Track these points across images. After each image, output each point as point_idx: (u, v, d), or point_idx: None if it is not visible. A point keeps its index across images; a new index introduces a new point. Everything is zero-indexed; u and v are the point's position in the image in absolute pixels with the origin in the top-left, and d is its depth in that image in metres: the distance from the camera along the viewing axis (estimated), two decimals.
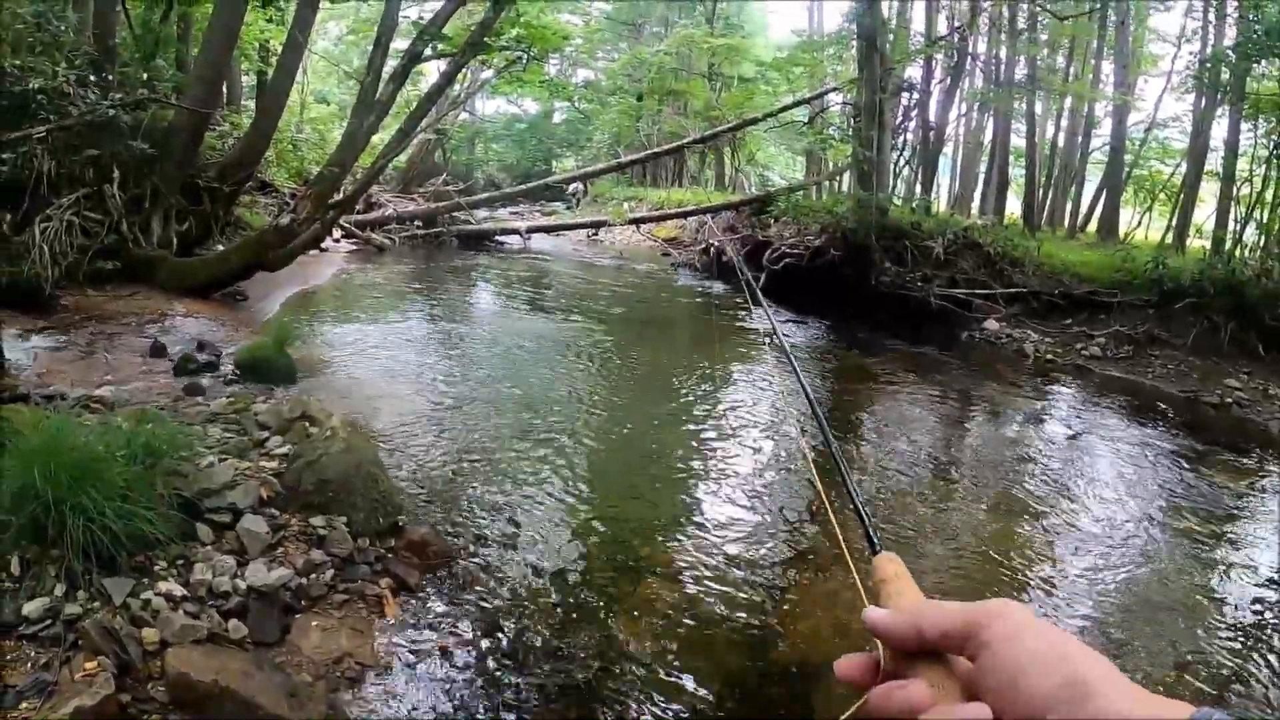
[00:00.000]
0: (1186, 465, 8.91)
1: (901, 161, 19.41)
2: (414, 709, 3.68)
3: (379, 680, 3.80)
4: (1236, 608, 5.64)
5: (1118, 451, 9.20)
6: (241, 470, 4.71)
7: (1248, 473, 8.97)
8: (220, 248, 11.21)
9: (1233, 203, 23.11)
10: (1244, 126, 23.46)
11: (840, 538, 0.99)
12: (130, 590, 3.55)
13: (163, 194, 10.30)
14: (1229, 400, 11.69)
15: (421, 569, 4.68)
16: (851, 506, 0.87)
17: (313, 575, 4.21)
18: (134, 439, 4.10)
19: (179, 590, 3.67)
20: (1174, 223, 24.00)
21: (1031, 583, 5.66)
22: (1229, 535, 7.17)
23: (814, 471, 4.94)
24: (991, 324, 14.21)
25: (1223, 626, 5.34)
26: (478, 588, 4.67)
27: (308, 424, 5.43)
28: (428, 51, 11.74)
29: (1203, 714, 0.51)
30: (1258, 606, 5.73)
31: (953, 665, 0.62)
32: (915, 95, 22.33)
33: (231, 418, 5.56)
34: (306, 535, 4.46)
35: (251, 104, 18.15)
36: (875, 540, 0.80)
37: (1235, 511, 7.83)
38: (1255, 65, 17.50)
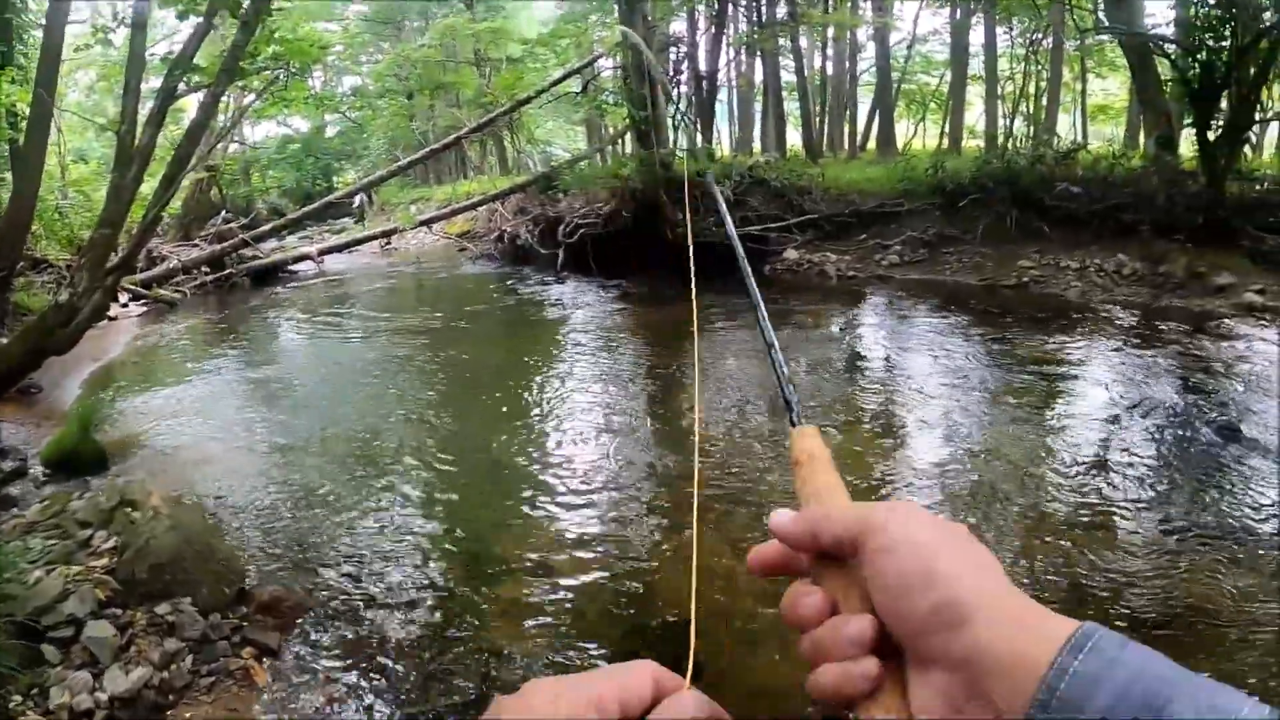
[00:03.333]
0: (996, 345, 9.25)
1: (678, 115, 19.21)
2: None
3: None
4: (1064, 460, 6.15)
5: (932, 346, 9.40)
6: (72, 576, 4.39)
7: (1053, 339, 9.41)
8: (3, 341, 9.82)
9: (999, 101, 24.36)
10: (999, 30, 24.70)
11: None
12: None
13: None
14: (1024, 280, 12.18)
15: (281, 628, 4.45)
16: (776, 371, 0.75)
17: (172, 666, 3.97)
18: None
19: None
20: (947, 128, 25.03)
21: (880, 485, 5.84)
22: (1047, 398, 7.65)
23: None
24: (790, 253, 14.21)
25: (1057, 479, 5.81)
26: (343, 632, 4.44)
27: (130, 510, 5.03)
28: (182, 87, 10.53)
29: (1085, 631, 0.47)
30: (1080, 451, 6.30)
31: (857, 573, 0.57)
32: (683, 48, 22.30)
33: (50, 523, 5.14)
34: (156, 626, 4.20)
35: (7, 176, 16.11)
36: (794, 411, 0.71)
37: (1046, 374, 8.21)
38: None
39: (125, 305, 15.10)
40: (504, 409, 8.18)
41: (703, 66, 22.46)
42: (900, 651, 0.54)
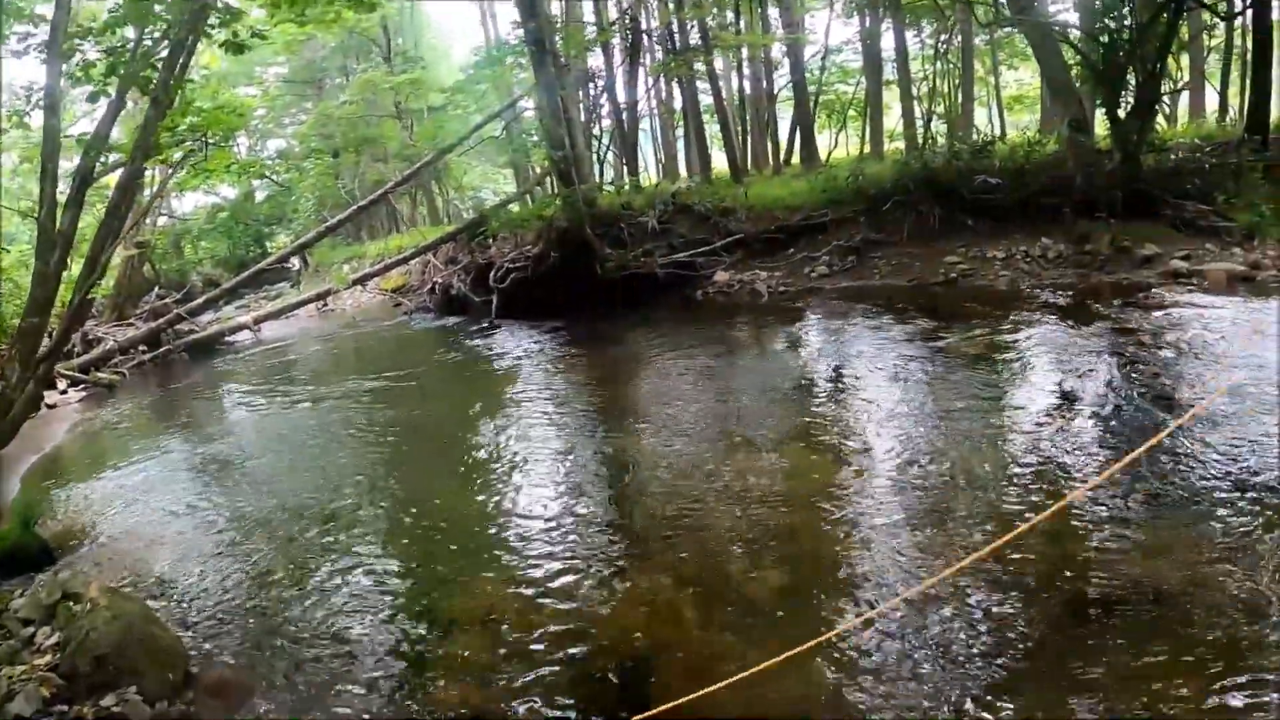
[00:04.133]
0: (932, 343, 9.34)
1: (602, 147, 19.28)
2: None
3: None
4: (1015, 449, 6.32)
5: (872, 353, 9.43)
6: (17, 677, 4.41)
7: (986, 328, 9.58)
8: None
9: (915, 101, 24.71)
10: (909, 34, 25.12)
11: None
12: None
13: None
14: (953, 275, 12.35)
15: (230, 709, 4.43)
16: None
17: None
18: None
19: None
20: (868, 135, 25.32)
21: (842, 496, 5.91)
22: (989, 388, 7.77)
23: None
24: (721, 275, 14.27)
25: (1010, 470, 5.93)
26: (293, 711, 4.33)
27: (70, 604, 5.00)
28: (99, 167, 10.29)
29: None
30: (1028, 438, 6.46)
31: None
32: (600, 82, 22.40)
33: None
34: (104, 719, 4.19)
35: None
36: None
37: (985, 365, 8.38)
38: None
39: (64, 391, 14.77)
40: (452, 465, 8.09)
41: (622, 98, 22.68)
42: None
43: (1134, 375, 7.36)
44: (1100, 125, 15.01)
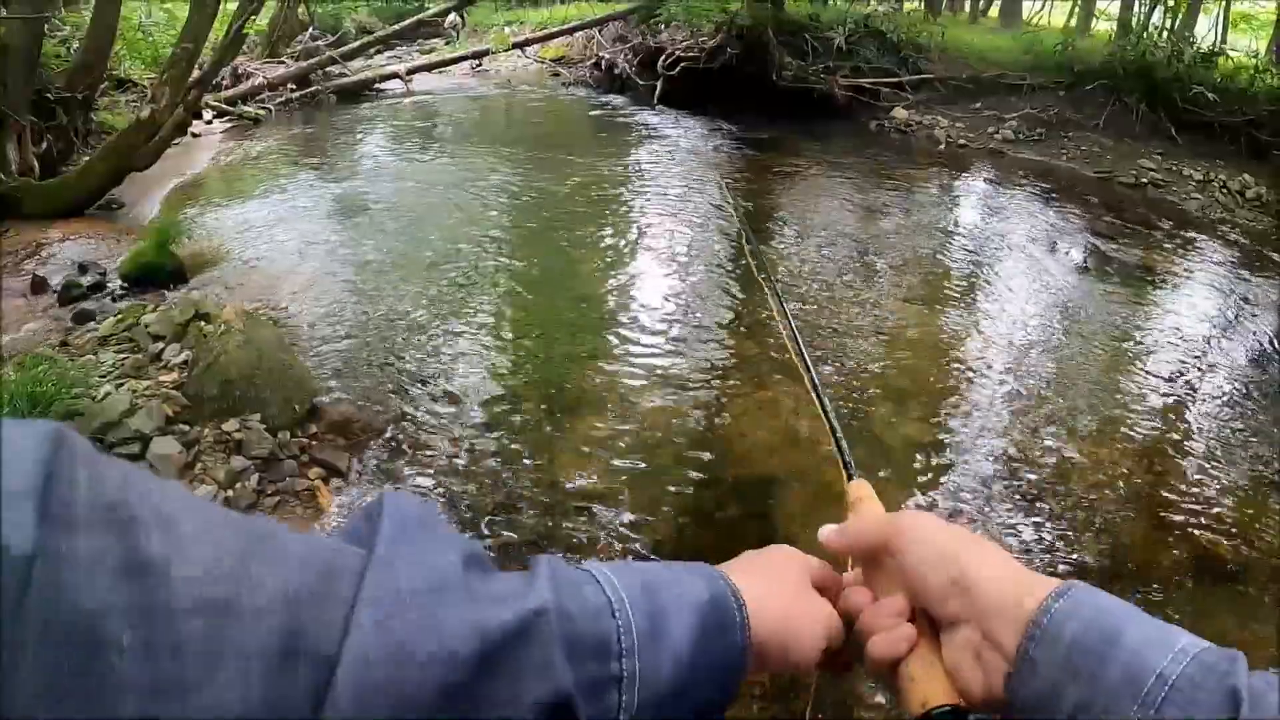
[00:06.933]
0: (1105, 243, 8.76)
1: None
2: None
3: None
4: (1151, 372, 5.90)
5: (1035, 230, 8.97)
6: (141, 391, 4.37)
7: (1163, 248, 8.87)
8: (87, 159, 9.84)
9: None
10: None
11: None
12: None
13: (12, 118, 9.00)
14: (1144, 180, 11.47)
15: (349, 449, 4.40)
16: (832, 432, 0.95)
17: (237, 485, 3.96)
18: (19, 390, 3.82)
19: None
20: (1077, 6, 23.40)
21: (964, 365, 5.71)
22: (1147, 307, 7.25)
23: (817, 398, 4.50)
24: (900, 112, 13.50)
25: (1141, 387, 5.64)
26: (411, 456, 4.37)
27: (203, 324, 4.95)
28: None
29: (1065, 584, 0.61)
30: (1172, 368, 6.02)
31: (891, 567, 0.72)
32: None
33: (123, 336, 5.12)
34: (223, 444, 4.16)
35: None
36: (849, 467, 0.91)
37: (1153, 284, 7.81)
38: None
39: (209, 122, 14.88)
40: (588, 238, 8.01)
41: None
42: (933, 625, 0.68)
43: None
44: None
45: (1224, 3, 28.26)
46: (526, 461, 4.34)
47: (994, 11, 22.95)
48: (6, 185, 8.62)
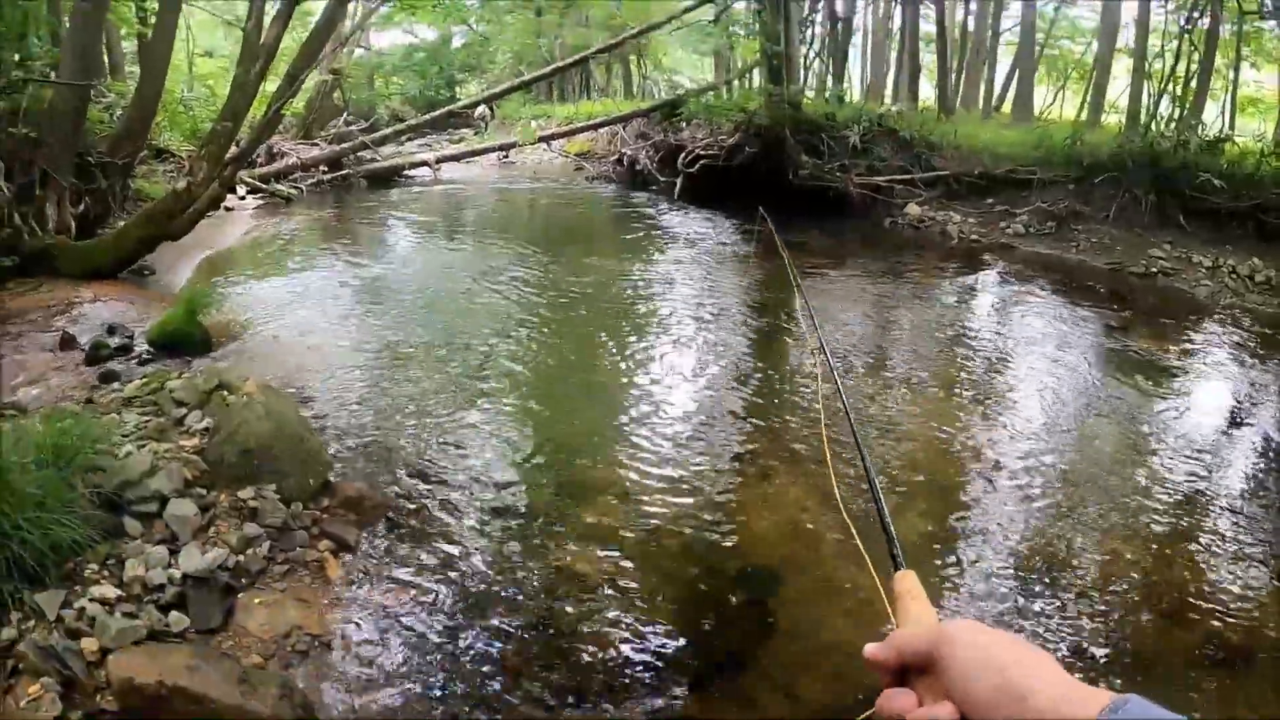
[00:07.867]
0: (1116, 334, 8.89)
1: (811, 54, 18.81)
2: (369, 672, 3.53)
3: (330, 649, 3.65)
4: (1169, 468, 5.84)
5: (1048, 325, 9.13)
6: (162, 453, 4.44)
7: (1174, 338, 8.97)
8: (122, 224, 10.31)
9: (1145, 78, 23.12)
10: (1154, 4, 23.36)
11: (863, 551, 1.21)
12: (63, 601, 3.39)
13: (53, 178, 9.39)
14: (1154, 270, 11.64)
15: (359, 525, 4.52)
16: (880, 519, 1.03)
17: (249, 550, 4.03)
18: (44, 441, 3.87)
19: (113, 592, 3.51)
20: (1088, 99, 23.92)
21: (981, 462, 5.73)
22: (1161, 398, 7.25)
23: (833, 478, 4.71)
24: (913, 209, 13.91)
25: (1158, 485, 5.56)
26: (419, 536, 4.49)
27: (225, 393, 5.08)
28: None
29: (1121, 697, 0.59)
30: (1188, 461, 5.95)
31: (938, 676, 0.72)
32: None
33: (147, 399, 5.22)
34: (238, 510, 4.26)
35: (135, 69, 16.69)
36: (898, 557, 0.96)
37: (1166, 375, 7.86)
38: None
39: (242, 197, 15.48)
40: (607, 331, 8.23)
41: (839, 8, 21.92)
42: None
43: None
44: None
45: (1230, 89, 28.77)
46: (533, 546, 4.43)
47: (1006, 106, 23.49)
48: (44, 242, 8.92)
